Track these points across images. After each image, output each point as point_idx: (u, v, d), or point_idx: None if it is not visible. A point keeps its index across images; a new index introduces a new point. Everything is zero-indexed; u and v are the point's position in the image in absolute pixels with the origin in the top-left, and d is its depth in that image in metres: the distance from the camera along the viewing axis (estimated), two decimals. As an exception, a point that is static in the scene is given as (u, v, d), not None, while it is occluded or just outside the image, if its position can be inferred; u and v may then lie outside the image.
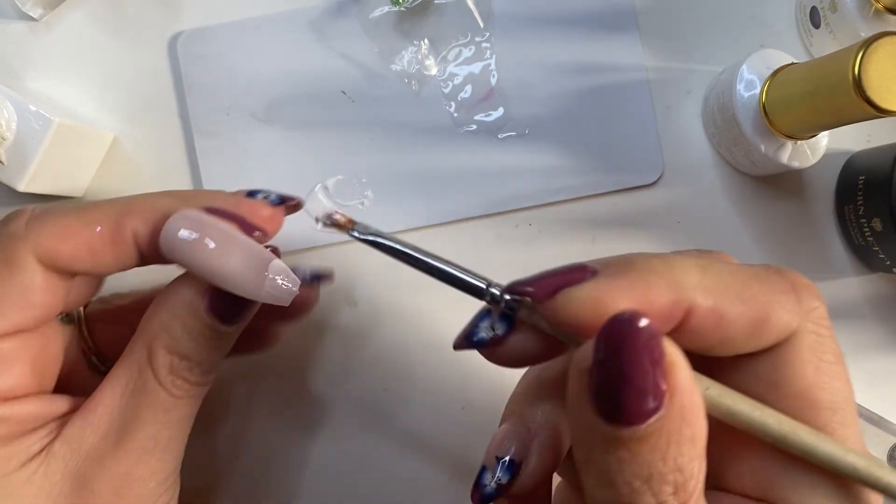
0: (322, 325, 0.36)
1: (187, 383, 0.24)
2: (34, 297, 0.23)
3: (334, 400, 0.36)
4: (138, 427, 0.23)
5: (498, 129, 0.36)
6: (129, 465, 0.23)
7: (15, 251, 0.23)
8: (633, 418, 0.17)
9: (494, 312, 0.22)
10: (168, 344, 0.23)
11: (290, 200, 0.28)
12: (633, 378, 0.17)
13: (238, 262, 0.22)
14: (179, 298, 0.24)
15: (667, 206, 0.36)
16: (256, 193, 0.27)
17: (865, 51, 0.27)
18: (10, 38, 0.37)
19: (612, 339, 0.18)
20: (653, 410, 0.17)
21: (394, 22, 0.37)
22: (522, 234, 0.36)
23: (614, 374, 0.17)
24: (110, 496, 0.23)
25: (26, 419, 0.23)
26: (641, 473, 0.18)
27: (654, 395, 0.17)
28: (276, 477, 0.36)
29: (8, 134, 0.32)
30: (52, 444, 0.23)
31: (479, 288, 0.21)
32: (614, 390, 0.17)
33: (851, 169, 0.36)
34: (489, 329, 0.22)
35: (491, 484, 0.23)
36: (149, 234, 0.24)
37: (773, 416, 0.20)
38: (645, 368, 0.17)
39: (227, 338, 0.25)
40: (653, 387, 0.17)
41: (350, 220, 0.23)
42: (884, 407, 0.35)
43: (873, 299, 0.36)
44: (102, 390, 0.24)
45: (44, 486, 0.23)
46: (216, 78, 0.36)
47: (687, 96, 0.37)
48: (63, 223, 0.23)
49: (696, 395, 0.18)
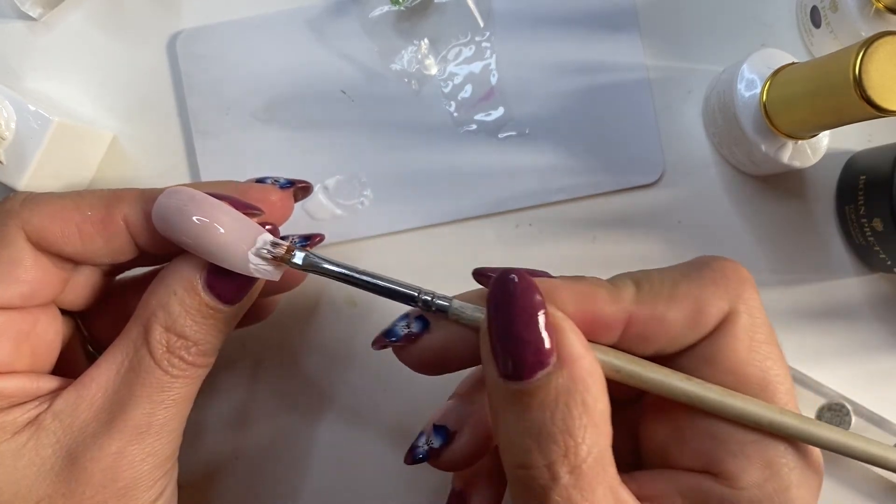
0: (322, 325, 0.36)
1: (184, 363, 0.23)
2: (20, 273, 0.23)
3: (334, 399, 0.36)
4: (133, 405, 0.23)
5: (498, 129, 0.36)
6: (121, 444, 0.23)
7: (5, 226, 0.23)
8: (521, 371, 0.19)
9: (412, 314, 0.24)
10: (165, 321, 0.23)
11: (299, 183, 0.29)
12: (516, 329, 0.20)
13: (226, 235, 0.22)
14: (177, 276, 0.23)
15: (667, 205, 0.36)
16: (265, 179, 0.28)
17: (866, 50, 0.27)
18: (10, 37, 0.37)
19: (495, 294, 0.20)
20: (538, 364, 0.19)
21: (393, 21, 0.37)
22: (522, 234, 0.36)
23: (502, 327, 0.20)
24: (101, 474, 0.22)
25: (11, 394, 0.23)
26: (531, 430, 0.19)
27: (537, 349, 0.19)
28: (275, 475, 0.36)
29: (7, 133, 0.32)
30: (43, 417, 0.23)
31: (412, 295, 0.23)
32: (505, 344, 0.20)
33: (852, 169, 0.36)
34: (405, 328, 0.24)
35: (423, 446, 0.25)
36: (141, 220, 0.24)
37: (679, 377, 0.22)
38: (525, 318, 0.19)
39: (226, 318, 0.24)
40: (535, 339, 0.19)
41: (289, 249, 0.23)
42: (884, 407, 0.35)
43: (873, 299, 0.36)
44: (97, 367, 0.23)
45: (34, 459, 0.22)
46: (216, 77, 0.36)
47: (688, 96, 0.37)
48: (56, 205, 0.24)
49: (588, 361, 0.20)
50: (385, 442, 0.36)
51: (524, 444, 0.19)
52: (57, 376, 0.25)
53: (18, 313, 0.24)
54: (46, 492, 0.22)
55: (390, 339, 0.24)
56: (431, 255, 0.36)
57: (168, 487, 0.25)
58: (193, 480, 0.35)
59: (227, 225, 0.22)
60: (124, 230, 0.24)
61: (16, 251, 0.23)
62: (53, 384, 0.24)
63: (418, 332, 0.24)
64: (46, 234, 0.23)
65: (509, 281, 0.20)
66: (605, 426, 0.20)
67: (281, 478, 0.36)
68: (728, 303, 0.22)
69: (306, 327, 0.36)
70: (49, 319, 0.25)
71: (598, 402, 0.19)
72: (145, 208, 0.24)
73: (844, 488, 0.35)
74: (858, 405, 0.34)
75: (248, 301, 0.25)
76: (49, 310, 0.25)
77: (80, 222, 0.24)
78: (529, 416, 0.19)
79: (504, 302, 0.20)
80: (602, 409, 0.20)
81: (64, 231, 0.23)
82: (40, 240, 0.23)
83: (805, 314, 0.36)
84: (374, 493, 0.36)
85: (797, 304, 0.36)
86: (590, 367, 0.20)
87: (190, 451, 0.25)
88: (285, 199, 0.28)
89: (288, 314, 0.36)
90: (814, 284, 0.36)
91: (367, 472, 0.36)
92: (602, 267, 0.36)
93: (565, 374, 0.19)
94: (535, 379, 0.19)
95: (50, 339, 0.25)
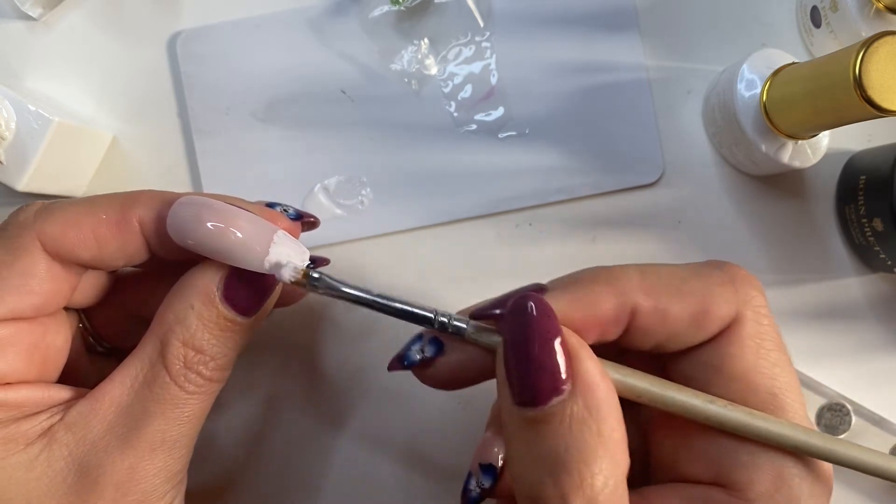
0: (322, 326, 0.36)
1: (201, 378, 0.23)
2: (34, 284, 0.23)
3: (333, 400, 0.36)
4: (146, 422, 0.23)
5: (498, 129, 0.36)
6: (134, 461, 0.22)
7: (20, 238, 0.23)
8: (536, 397, 0.19)
9: (426, 337, 0.24)
10: (183, 336, 0.23)
11: (307, 217, 0.28)
12: (531, 354, 0.19)
13: (242, 235, 0.22)
14: (194, 289, 0.23)
15: (667, 205, 0.36)
16: (275, 206, 0.27)
17: (866, 50, 0.26)
18: (9, 37, 0.37)
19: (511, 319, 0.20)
20: (552, 390, 0.19)
21: (393, 21, 0.37)
22: (522, 234, 0.36)
23: (518, 353, 0.19)
24: (113, 490, 0.22)
25: (23, 404, 0.23)
26: (545, 459, 0.19)
27: (552, 375, 0.19)
28: (272, 475, 0.36)
29: (7, 133, 0.32)
30: (56, 429, 0.22)
31: (429, 318, 0.23)
32: (520, 370, 0.19)
33: (852, 168, 0.36)
34: (420, 351, 0.24)
35: (475, 489, 0.24)
36: (155, 222, 0.24)
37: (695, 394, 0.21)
38: (541, 343, 0.19)
39: (243, 331, 0.24)
40: (550, 365, 0.19)
41: (305, 273, 0.23)
42: (884, 407, 0.35)
43: (873, 299, 0.36)
44: (111, 381, 0.23)
45: (46, 471, 0.22)
46: (215, 77, 0.36)
47: (687, 96, 0.37)
48: (70, 212, 0.24)
49: (604, 389, 0.19)
50: (385, 441, 0.36)
51: (537, 473, 0.19)
52: (67, 386, 0.24)
53: (29, 324, 0.24)
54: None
55: (405, 364, 0.24)
56: (431, 255, 0.36)
57: (177, 498, 0.25)
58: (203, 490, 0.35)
59: (243, 227, 0.22)
60: (139, 233, 0.24)
61: (30, 263, 0.23)
62: (64, 394, 0.24)
63: (433, 356, 0.23)
64: (63, 242, 0.23)
65: (526, 306, 0.20)
66: (622, 456, 0.19)
67: (278, 481, 0.36)
68: (735, 306, 0.22)
69: (307, 327, 0.36)
70: (58, 326, 0.25)
71: (615, 432, 0.19)
72: (160, 212, 0.23)
73: (844, 488, 0.35)
74: (858, 405, 0.34)
75: (264, 313, 0.25)
76: (57, 316, 0.25)
77: (95, 227, 0.23)
78: (543, 444, 0.19)
79: (520, 327, 0.20)
80: (618, 439, 0.19)
81: (80, 237, 0.23)
82: (57, 248, 0.23)
83: (805, 314, 0.36)
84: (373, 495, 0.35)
85: (797, 304, 0.36)
86: (606, 395, 0.19)
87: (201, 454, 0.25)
88: (293, 229, 0.27)
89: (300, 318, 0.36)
90: (814, 284, 0.36)
91: (369, 470, 0.35)
92: (602, 267, 0.36)
93: (580, 401, 0.19)
94: (549, 406, 0.19)
95: (59, 346, 0.25)
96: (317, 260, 0.28)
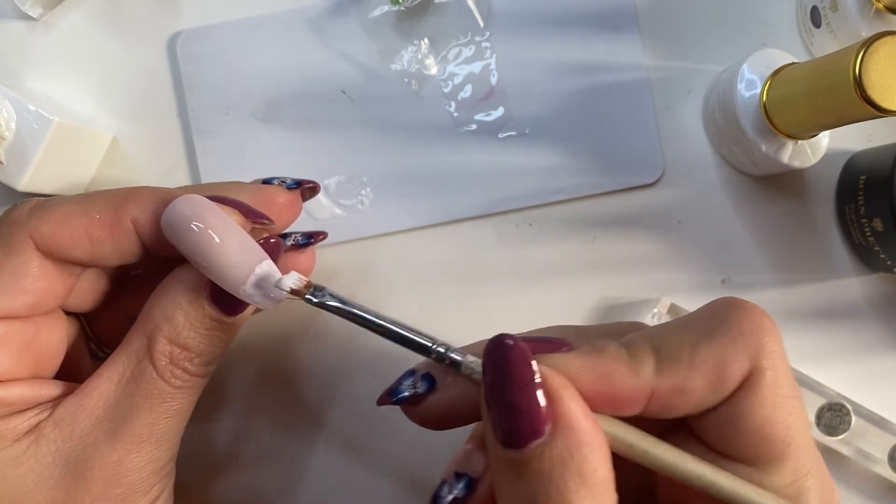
0: (320, 328, 0.36)
1: (187, 374, 0.24)
2: (27, 283, 0.23)
3: (331, 402, 0.36)
4: (134, 416, 0.23)
5: (498, 129, 0.36)
6: (122, 454, 0.23)
7: (13, 236, 0.23)
8: (516, 439, 0.19)
9: (418, 372, 0.23)
10: (169, 333, 0.23)
11: (307, 183, 0.28)
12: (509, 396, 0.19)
13: (229, 255, 0.22)
14: (182, 287, 0.23)
15: (667, 205, 0.36)
16: (272, 180, 0.27)
17: (866, 50, 0.26)
18: (10, 37, 0.37)
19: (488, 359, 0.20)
20: (531, 433, 0.18)
21: (393, 21, 0.37)
22: (522, 234, 0.36)
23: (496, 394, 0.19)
24: (101, 483, 0.23)
25: (11, 401, 0.23)
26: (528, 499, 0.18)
27: (531, 417, 0.19)
28: (271, 476, 0.36)
29: (7, 133, 0.32)
30: (43, 425, 0.23)
31: (426, 346, 0.22)
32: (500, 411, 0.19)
33: (852, 168, 0.36)
34: (411, 387, 0.23)
35: (447, 497, 0.23)
36: (149, 222, 0.24)
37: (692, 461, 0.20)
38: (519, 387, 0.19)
39: (229, 328, 0.24)
40: (529, 407, 0.19)
41: (308, 284, 0.23)
42: (884, 406, 0.35)
43: (873, 299, 0.36)
44: (99, 376, 0.23)
45: (33, 467, 0.22)
46: (215, 77, 0.36)
47: (687, 96, 0.37)
48: (64, 210, 0.24)
49: (585, 428, 0.19)
50: (380, 446, 0.36)
51: None
52: (60, 381, 0.25)
53: (22, 322, 0.24)
54: (46, 499, 0.22)
55: (395, 398, 0.23)
56: (431, 255, 0.36)
57: (165, 490, 0.25)
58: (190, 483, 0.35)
59: (234, 249, 0.22)
60: (132, 232, 0.24)
61: (22, 262, 0.23)
62: (56, 390, 0.24)
63: (424, 393, 0.23)
64: (55, 241, 0.23)
65: (503, 346, 0.19)
66: (607, 495, 0.19)
67: (276, 483, 0.36)
68: (749, 360, 0.21)
69: (304, 331, 0.36)
70: (53, 325, 0.25)
71: (597, 472, 0.18)
72: (155, 211, 0.24)
73: (844, 488, 0.35)
74: (858, 405, 0.34)
75: (250, 311, 0.25)
76: (53, 315, 0.25)
77: (89, 226, 0.23)
78: (525, 486, 0.19)
79: (498, 367, 0.19)
80: (602, 478, 0.19)
81: (73, 236, 0.23)
82: (50, 247, 0.23)
83: (805, 314, 0.36)
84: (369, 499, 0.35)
85: (797, 304, 0.36)
86: (587, 434, 0.19)
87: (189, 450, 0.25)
88: (293, 200, 0.28)
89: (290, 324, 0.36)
90: (814, 284, 0.36)
91: (363, 475, 0.35)
92: (602, 267, 0.36)
93: (560, 443, 0.18)
94: (528, 448, 0.18)
95: (54, 345, 0.25)
96: (313, 234, 0.28)
